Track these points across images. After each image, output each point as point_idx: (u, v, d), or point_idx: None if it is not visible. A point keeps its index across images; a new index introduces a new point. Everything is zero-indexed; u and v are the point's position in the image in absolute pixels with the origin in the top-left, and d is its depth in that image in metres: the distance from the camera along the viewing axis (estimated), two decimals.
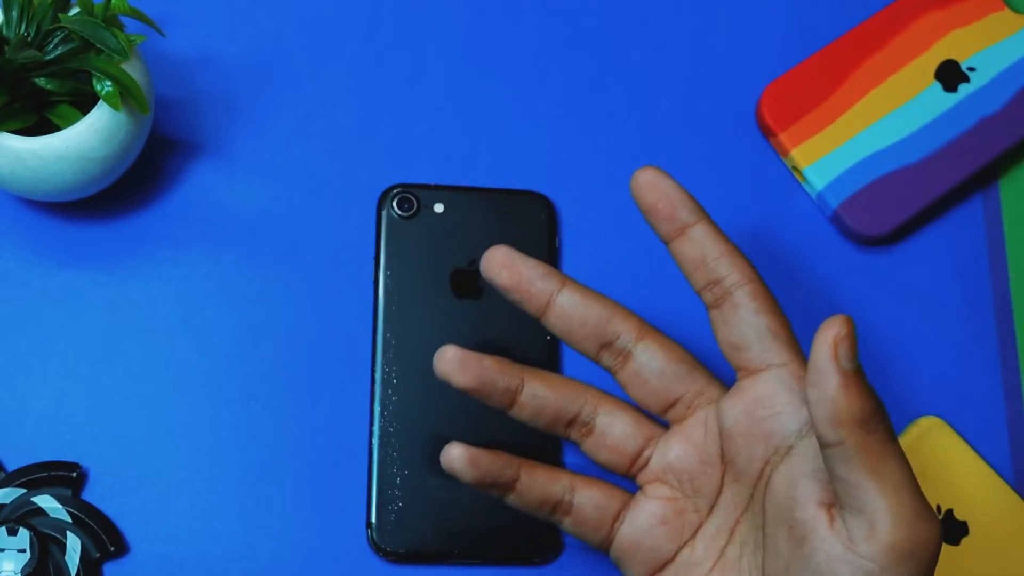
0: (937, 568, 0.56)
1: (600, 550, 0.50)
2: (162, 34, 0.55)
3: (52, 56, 0.51)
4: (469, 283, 0.57)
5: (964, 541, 0.57)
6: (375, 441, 0.55)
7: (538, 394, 0.48)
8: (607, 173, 0.61)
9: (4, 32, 0.52)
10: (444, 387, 0.56)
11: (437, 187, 0.59)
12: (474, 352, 0.48)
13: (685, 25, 0.64)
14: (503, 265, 0.48)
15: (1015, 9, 0.64)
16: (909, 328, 0.60)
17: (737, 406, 0.46)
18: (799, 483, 0.44)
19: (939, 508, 0.57)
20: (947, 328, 0.61)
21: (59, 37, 0.52)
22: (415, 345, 0.56)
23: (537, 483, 0.49)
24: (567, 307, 0.48)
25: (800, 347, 0.47)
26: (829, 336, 0.41)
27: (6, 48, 0.51)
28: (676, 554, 0.48)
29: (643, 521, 0.48)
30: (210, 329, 0.57)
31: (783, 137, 0.61)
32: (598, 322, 0.48)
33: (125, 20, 0.54)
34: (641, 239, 0.60)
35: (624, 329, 0.48)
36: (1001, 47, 0.63)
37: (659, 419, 0.49)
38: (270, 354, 0.57)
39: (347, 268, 0.58)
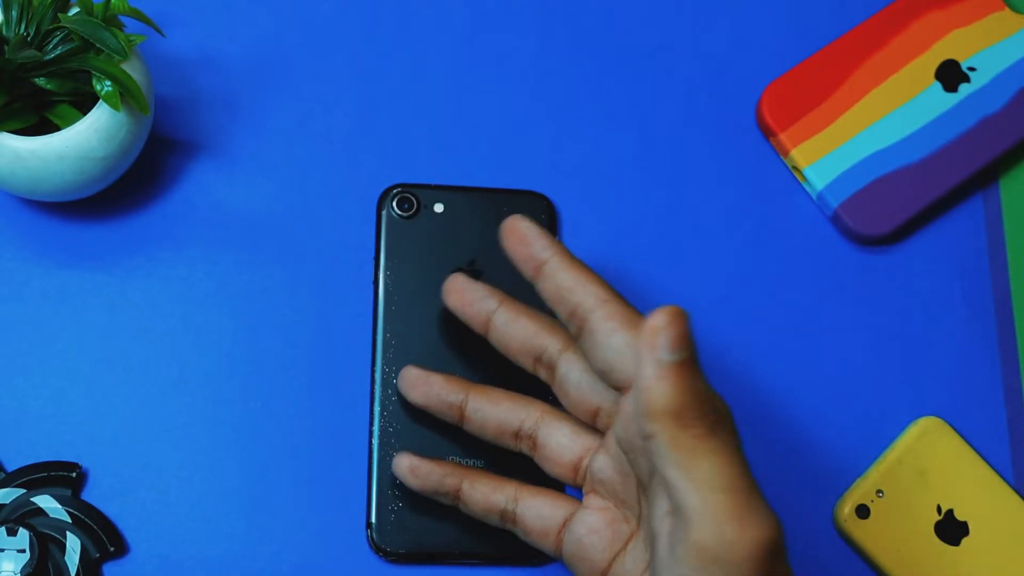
0: (937, 568, 0.56)
1: (555, 558, 0.51)
2: (162, 34, 0.55)
3: (52, 56, 0.51)
4: None
5: (964, 541, 0.57)
6: (375, 441, 0.55)
7: (479, 408, 0.51)
8: (607, 173, 0.61)
9: (4, 32, 0.52)
10: None
11: (437, 187, 0.59)
12: (426, 371, 0.53)
13: (685, 25, 0.64)
14: (454, 291, 0.52)
15: (1015, 9, 0.64)
16: (909, 328, 0.60)
17: (620, 423, 0.46)
18: (657, 493, 0.44)
19: (939, 508, 0.57)
20: (947, 328, 0.61)
21: (59, 37, 0.52)
22: (415, 345, 0.56)
23: (479, 492, 0.51)
24: (501, 324, 0.51)
25: None
26: (648, 326, 0.41)
27: (6, 48, 0.51)
28: (610, 564, 0.48)
29: (578, 532, 0.49)
30: (210, 329, 0.57)
31: (783, 137, 0.61)
32: (528, 337, 0.50)
33: (125, 20, 0.54)
34: (641, 239, 0.60)
35: (550, 342, 0.50)
36: (1001, 47, 0.63)
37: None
38: (270, 354, 0.57)
39: (347, 268, 0.58)
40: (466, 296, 0.52)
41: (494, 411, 0.51)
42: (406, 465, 0.52)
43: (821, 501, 0.58)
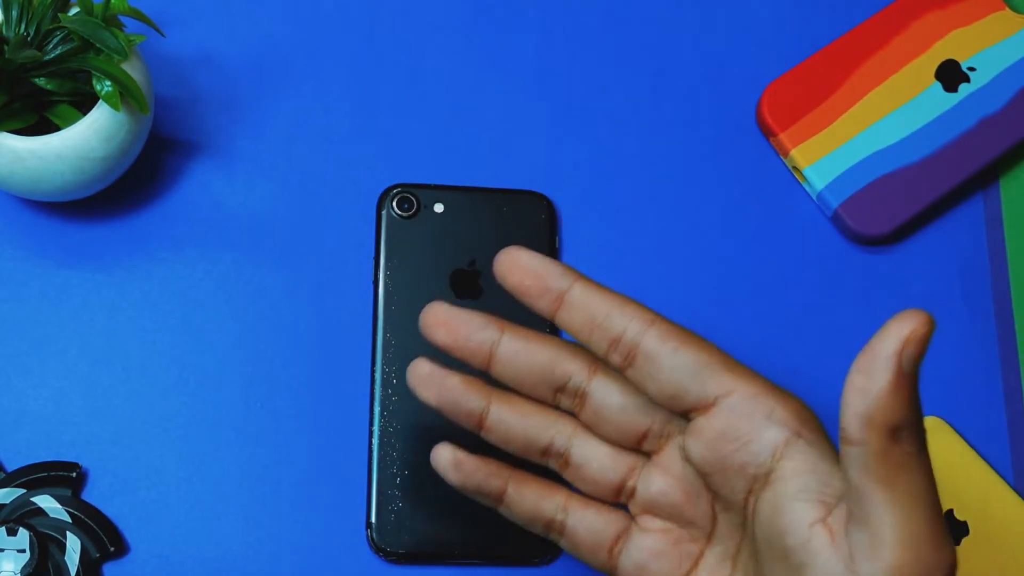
0: None
1: (603, 573, 0.47)
2: (162, 34, 0.55)
3: (52, 56, 0.51)
4: (469, 283, 0.57)
5: (964, 541, 0.57)
6: (375, 441, 0.55)
7: (504, 419, 0.46)
8: (607, 173, 0.61)
9: (4, 32, 0.52)
10: None
11: (437, 187, 0.59)
12: (443, 369, 0.46)
13: (685, 25, 0.64)
14: (440, 323, 0.46)
15: (1015, 9, 0.64)
16: None
17: (700, 444, 0.43)
18: (785, 508, 0.40)
19: None
20: (947, 328, 0.61)
21: (59, 37, 0.52)
22: (415, 345, 0.56)
23: (527, 499, 0.47)
24: (509, 355, 0.45)
25: (737, 362, 0.43)
26: (904, 330, 0.37)
27: (6, 48, 0.51)
28: None
29: (640, 556, 0.45)
30: (210, 329, 0.57)
31: (783, 137, 0.61)
32: (545, 366, 0.45)
33: (125, 20, 0.54)
34: (641, 239, 0.60)
35: (574, 369, 0.45)
36: (1001, 47, 0.63)
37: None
38: (270, 354, 0.57)
39: (347, 268, 0.58)
40: (459, 330, 0.45)
41: (521, 424, 0.46)
42: (448, 459, 0.46)
43: None
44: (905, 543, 0.38)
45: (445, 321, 0.45)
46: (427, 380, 0.46)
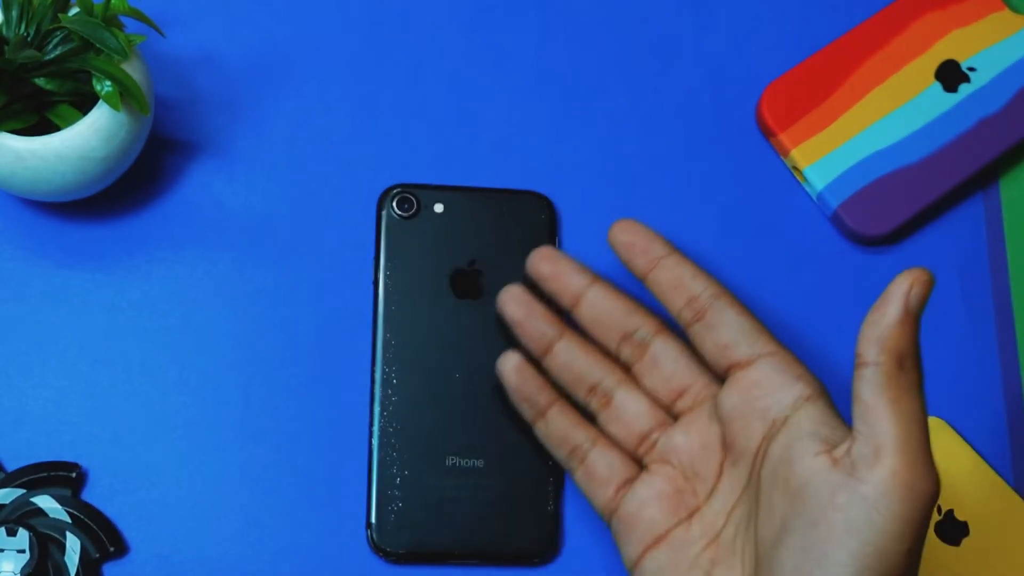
0: (937, 568, 0.56)
1: (603, 517, 0.52)
2: (162, 34, 0.55)
3: (52, 56, 0.51)
4: (469, 283, 0.57)
5: (964, 541, 0.57)
6: (375, 441, 0.55)
7: (569, 350, 0.53)
8: (607, 173, 0.61)
9: (4, 32, 0.52)
10: (444, 387, 0.56)
11: (437, 187, 0.59)
12: (529, 296, 0.53)
13: (685, 25, 0.64)
14: (545, 258, 0.54)
15: (1015, 9, 0.64)
16: None
17: (733, 394, 0.49)
18: (796, 443, 0.46)
19: (939, 508, 0.57)
20: (947, 328, 0.61)
21: (59, 37, 0.52)
22: (415, 345, 0.56)
23: (563, 422, 0.52)
24: (596, 298, 0.53)
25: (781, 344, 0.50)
26: (911, 276, 0.45)
27: (6, 48, 0.51)
28: (670, 531, 0.50)
29: (643, 494, 0.51)
30: (210, 329, 0.57)
31: (783, 137, 0.61)
32: (621, 314, 0.53)
33: (125, 20, 0.54)
34: None
35: (643, 323, 0.53)
36: (1001, 47, 0.63)
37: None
38: (270, 354, 0.57)
39: (347, 268, 0.58)
40: (559, 265, 0.54)
41: (582, 359, 0.53)
42: (513, 363, 0.53)
43: None
44: (904, 452, 0.43)
45: (552, 258, 0.54)
46: (517, 297, 0.54)
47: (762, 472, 0.48)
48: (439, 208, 0.58)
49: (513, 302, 0.54)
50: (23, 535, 0.51)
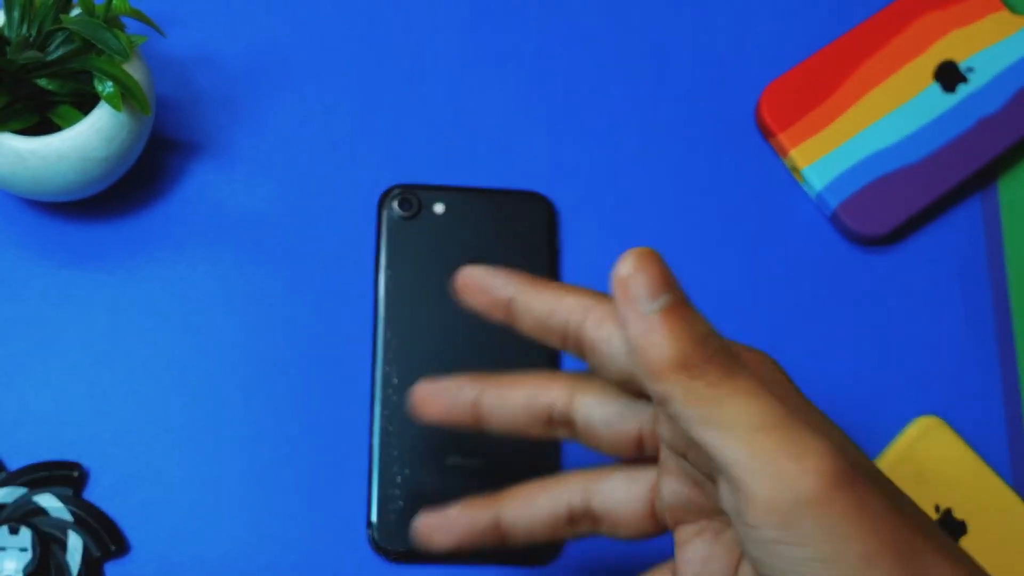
0: None
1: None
2: (163, 34, 0.55)
3: (53, 57, 0.51)
4: None
5: (963, 541, 0.57)
6: (375, 441, 0.55)
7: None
8: (607, 173, 0.61)
9: (6, 33, 0.52)
10: None
11: (437, 187, 0.59)
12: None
13: (685, 25, 0.64)
14: (425, 400, 0.45)
15: (1014, 10, 0.65)
16: (908, 328, 0.61)
17: (663, 424, 0.41)
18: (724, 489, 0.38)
19: (937, 507, 0.57)
20: (947, 328, 0.61)
21: (60, 38, 0.52)
22: (415, 345, 0.56)
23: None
24: (492, 408, 0.44)
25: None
26: (615, 277, 0.36)
27: (8, 49, 0.51)
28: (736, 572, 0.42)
29: (692, 569, 0.42)
30: (210, 329, 0.57)
31: (783, 137, 0.61)
32: (525, 405, 0.44)
33: (126, 21, 0.54)
34: (641, 239, 0.60)
35: (553, 396, 0.43)
36: (1000, 48, 0.63)
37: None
38: (270, 354, 0.57)
39: (347, 268, 0.58)
40: (441, 399, 0.45)
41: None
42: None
43: None
44: (759, 473, 0.34)
45: (429, 397, 0.45)
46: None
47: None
48: (439, 208, 0.58)
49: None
50: (25, 534, 0.51)
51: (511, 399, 0.44)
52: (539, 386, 0.44)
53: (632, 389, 0.41)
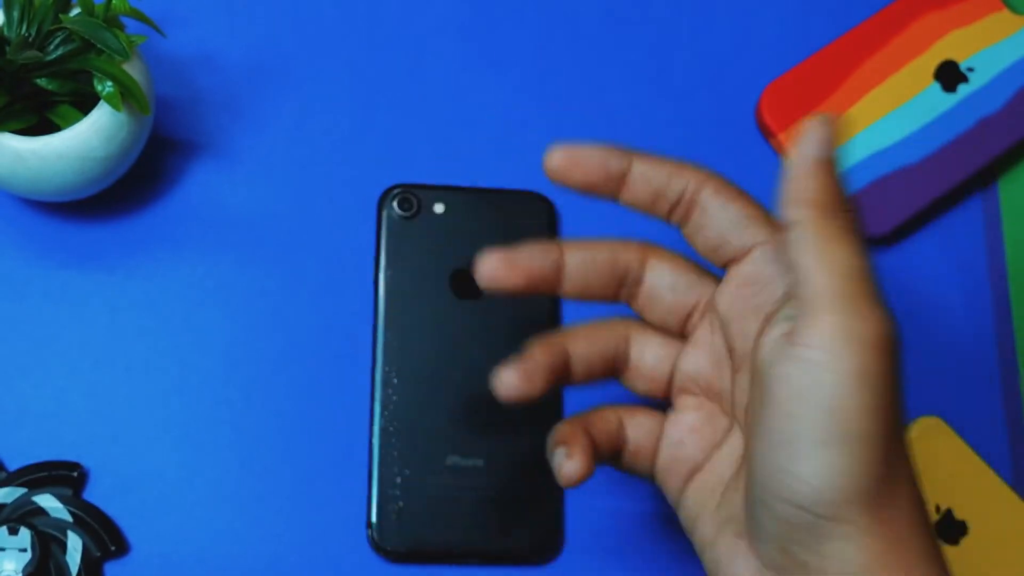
0: None
1: (648, 477, 0.49)
2: (162, 34, 0.55)
3: (53, 57, 0.51)
4: (469, 283, 0.58)
5: (963, 541, 0.57)
6: (375, 441, 0.55)
7: (578, 349, 0.48)
8: None
9: (5, 33, 0.52)
10: (444, 387, 0.56)
11: (437, 187, 0.59)
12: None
13: (685, 25, 0.64)
14: (497, 265, 0.48)
15: (1014, 10, 0.65)
16: (909, 328, 0.60)
17: (728, 293, 0.46)
18: (773, 329, 0.43)
19: (938, 507, 0.57)
20: (947, 328, 0.61)
21: (60, 38, 0.52)
22: (415, 345, 0.56)
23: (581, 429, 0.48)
24: (576, 266, 0.48)
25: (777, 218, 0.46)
26: (804, 127, 0.43)
27: (7, 49, 0.51)
28: (706, 459, 0.47)
29: (676, 434, 0.48)
30: (210, 329, 0.57)
31: (783, 137, 0.61)
32: (607, 264, 0.48)
33: (126, 20, 0.54)
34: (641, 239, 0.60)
35: (630, 259, 0.49)
36: (1000, 47, 0.63)
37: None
38: (270, 354, 0.57)
39: (347, 268, 0.58)
40: (524, 266, 0.48)
41: (586, 346, 0.49)
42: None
43: None
44: (837, 302, 0.40)
45: (505, 262, 0.48)
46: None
47: (754, 370, 0.44)
48: (439, 208, 0.58)
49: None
50: (25, 534, 0.51)
51: (595, 256, 0.48)
52: (618, 248, 0.49)
53: (714, 258, 0.47)
